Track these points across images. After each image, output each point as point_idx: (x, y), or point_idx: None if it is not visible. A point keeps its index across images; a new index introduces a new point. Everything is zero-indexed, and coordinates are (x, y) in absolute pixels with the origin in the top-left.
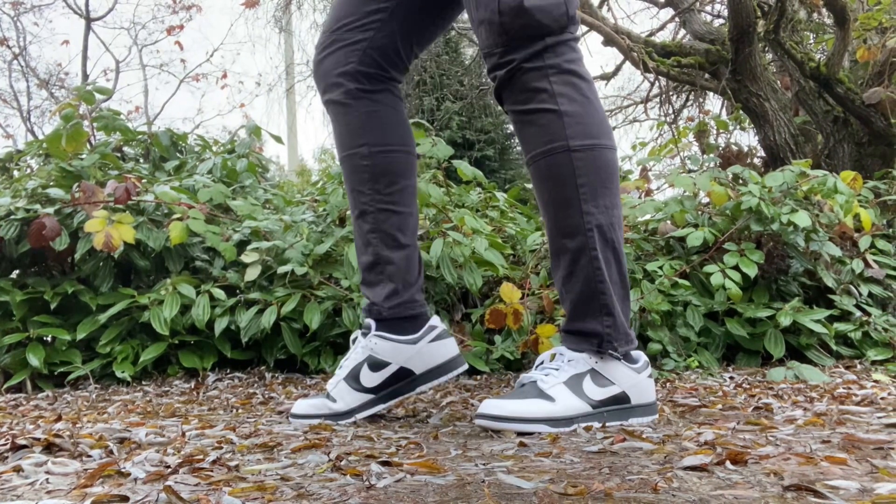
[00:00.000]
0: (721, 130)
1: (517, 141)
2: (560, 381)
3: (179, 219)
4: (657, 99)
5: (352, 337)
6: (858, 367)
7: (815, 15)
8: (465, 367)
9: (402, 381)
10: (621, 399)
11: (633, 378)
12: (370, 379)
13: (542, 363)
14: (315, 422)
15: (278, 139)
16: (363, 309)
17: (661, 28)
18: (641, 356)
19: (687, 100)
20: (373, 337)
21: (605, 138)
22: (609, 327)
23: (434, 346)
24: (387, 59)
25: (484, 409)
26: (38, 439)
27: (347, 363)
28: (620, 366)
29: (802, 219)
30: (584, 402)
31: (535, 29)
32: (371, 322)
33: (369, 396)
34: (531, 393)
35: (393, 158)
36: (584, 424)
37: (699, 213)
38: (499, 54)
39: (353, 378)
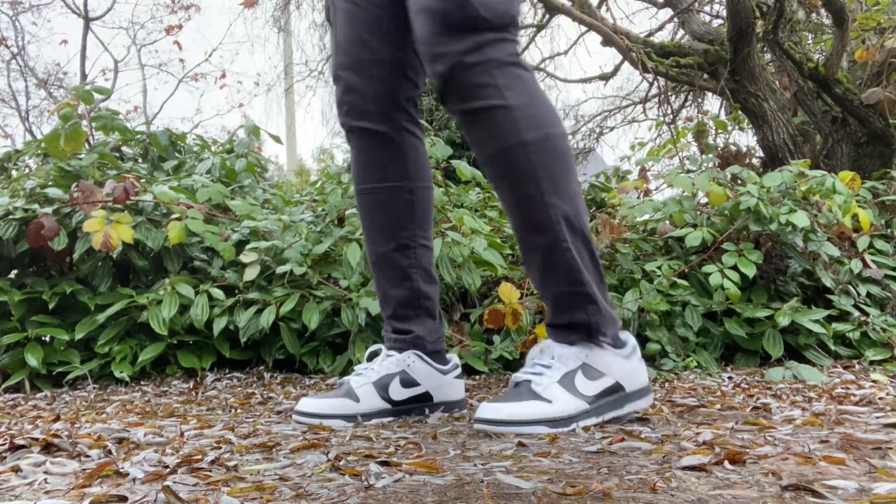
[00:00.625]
0: (720, 130)
1: None
2: (554, 381)
3: (178, 219)
4: (656, 99)
5: (371, 349)
6: (857, 367)
7: (813, 15)
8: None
9: (421, 403)
10: (615, 389)
11: (624, 365)
12: (398, 393)
13: (532, 358)
14: (334, 422)
15: (277, 139)
16: (398, 340)
17: (660, 28)
18: (629, 339)
19: (686, 100)
20: (412, 354)
21: (556, 126)
22: (595, 315)
23: (457, 381)
24: (415, 89)
25: (482, 412)
26: (37, 439)
27: (378, 369)
28: (609, 355)
29: (801, 219)
30: (580, 400)
31: (477, 21)
32: (405, 350)
33: (388, 407)
34: (527, 394)
35: (430, 195)
36: (582, 423)
37: (698, 213)
38: (436, 44)
39: (382, 387)
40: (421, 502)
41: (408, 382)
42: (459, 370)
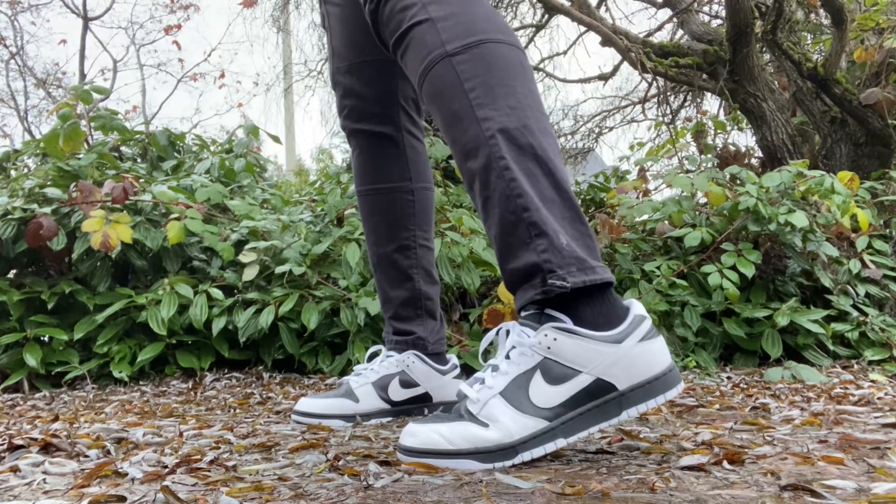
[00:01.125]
0: (719, 131)
1: None
2: (496, 393)
3: (177, 218)
4: (655, 99)
5: (372, 350)
6: (855, 366)
7: (812, 15)
8: None
9: (420, 403)
10: (598, 390)
11: (609, 354)
12: (397, 393)
13: (487, 350)
14: (333, 422)
15: (276, 139)
16: (399, 341)
17: (659, 28)
18: (632, 307)
19: (685, 100)
20: (411, 355)
21: (494, 32)
22: (545, 251)
23: (456, 382)
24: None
25: (402, 436)
26: (36, 439)
27: (377, 369)
28: (585, 341)
29: (800, 219)
30: (531, 418)
31: None
32: (402, 350)
33: (387, 407)
34: (456, 413)
35: (430, 196)
36: (537, 451)
37: (697, 213)
38: None
39: (382, 387)
40: (420, 502)
41: (407, 383)
42: (458, 370)
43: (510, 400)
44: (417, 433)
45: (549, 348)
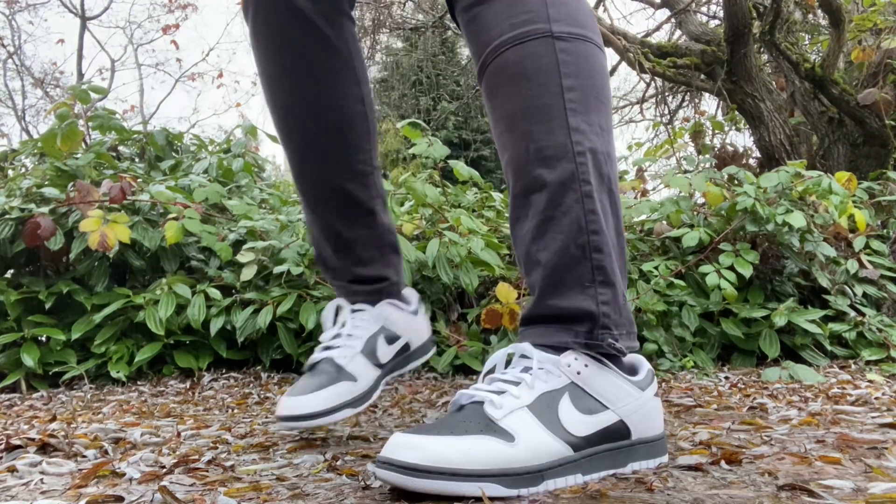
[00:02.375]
0: (717, 131)
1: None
2: (523, 405)
3: (175, 218)
4: (653, 100)
5: (331, 307)
6: (853, 367)
7: (810, 16)
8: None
9: (402, 355)
10: (617, 434)
11: (635, 398)
12: (385, 353)
13: (491, 371)
14: (343, 415)
15: (274, 139)
16: (369, 291)
17: (657, 29)
18: (644, 364)
19: (683, 100)
20: (387, 306)
21: (596, 35)
22: (607, 304)
23: (423, 318)
24: None
25: (389, 451)
26: (33, 439)
27: (357, 333)
28: (616, 377)
29: (797, 219)
30: (561, 441)
31: None
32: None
33: (379, 373)
34: (474, 424)
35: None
36: (559, 483)
37: (695, 213)
38: None
39: (371, 352)
40: (418, 502)
41: (391, 339)
42: (419, 304)
43: (539, 416)
44: (421, 446)
45: (578, 373)
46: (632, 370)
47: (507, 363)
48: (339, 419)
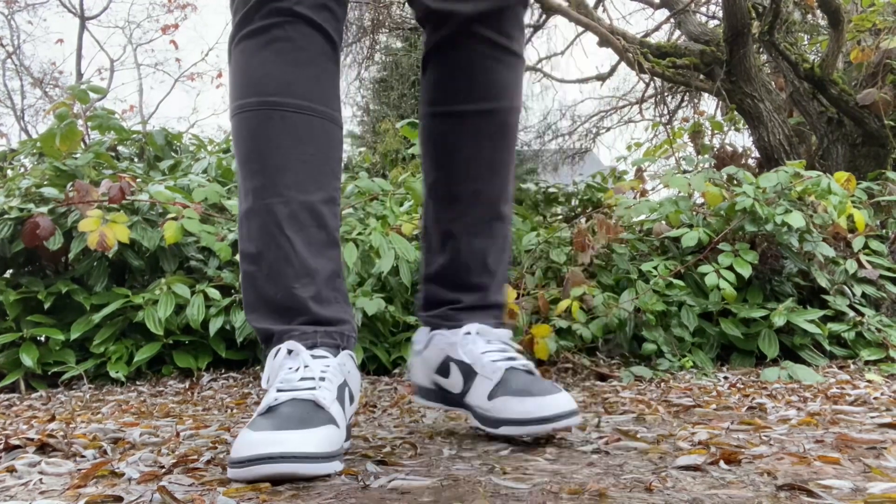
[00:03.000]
0: (716, 131)
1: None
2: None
3: (174, 218)
4: (652, 100)
5: (281, 350)
6: (852, 367)
7: (809, 16)
8: None
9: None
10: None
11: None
12: (345, 413)
13: (468, 337)
14: (335, 467)
15: None
16: (330, 333)
17: (657, 29)
18: None
19: (682, 101)
20: (348, 358)
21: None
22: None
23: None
24: None
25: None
26: (32, 439)
27: (329, 377)
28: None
29: (796, 219)
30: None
31: None
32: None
33: (344, 433)
34: (539, 380)
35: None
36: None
37: (694, 213)
38: None
39: (341, 406)
40: (417, 502)
41: (350, 396)
42: None
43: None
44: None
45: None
46: None
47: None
48: (332, 471)
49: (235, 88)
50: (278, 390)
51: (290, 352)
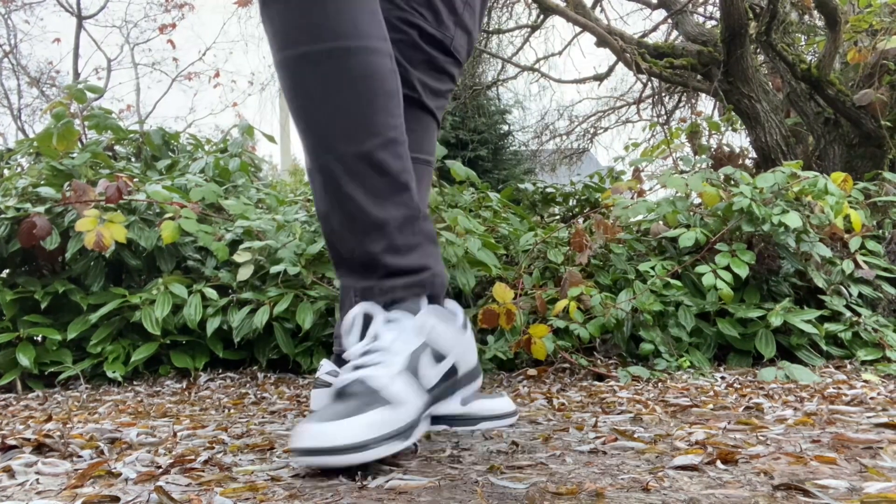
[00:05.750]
0: (713, 131)
1: (511, 141)
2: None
3: (171, 218)
4: (650, 100)
5: (359, 313)
6: (848, 367)
7: (806, 17)
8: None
9: (448, 380)
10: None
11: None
12: (430, 375)
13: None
14: (388, 450)
15: (271, 138)
16: (407, 285)
17: (654, 29)
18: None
19: (679, 101)
20: (431, 315)
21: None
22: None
23: (471, 337)
24: None
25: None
26: (29, 440)
27: (392, 347)
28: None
29: (793, 220)
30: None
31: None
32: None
33: (425, 398)
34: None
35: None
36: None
37: (691, 213)
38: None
39: (413, 374)
40: (414, 502)
41: (437, 356)
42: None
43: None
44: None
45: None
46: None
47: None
48: (383, 455)
49: (275, 40)
50: (348, 368)
51: (366, 318)
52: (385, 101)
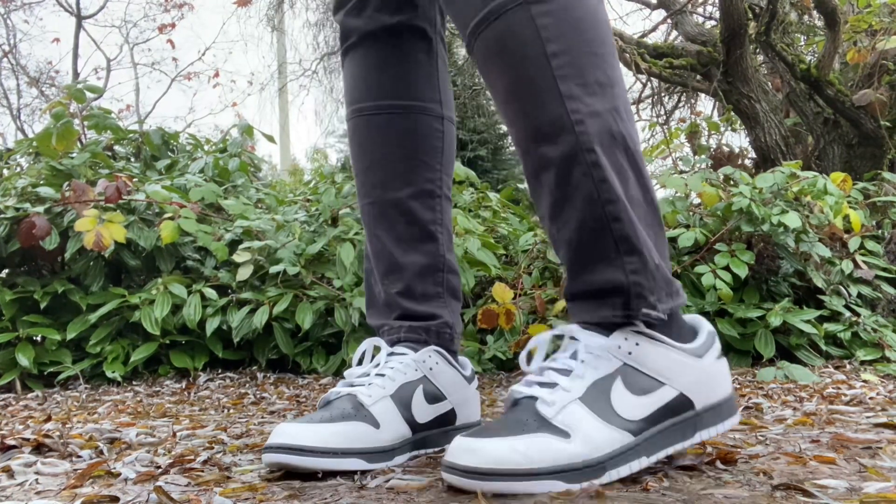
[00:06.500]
0: (712, 131)
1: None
2: (574, 398)
3: (171, 218)
4: (649, 100)
5: (363, 346)
6: (847, 367)
7: (805, 17)
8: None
9: (443, 426)
10: (679, 407)
11: (694, 366)
12: (422, 411)
13: (539, 356)
14: (349, 464)
15: (270, 138)
16: (415, 328)
17: (654, 29)
18: (704, 326)
19: (679, 101)
20: (434, 353)
21: None
22: (636, 272)
23: (475, 392)
24: None
25: (453, 455)
26: (28, 440)
27: (391, 374)
28: (669, 350)
29: (793, 220)
30: (617, 429)
31: None
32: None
33: (410, 434)
34: (529, 422)
35: (455, 135)
36: (622, 471)
37: (690, 213)
38: None
39: (404, 403)
40: (414, 502)
41: (433, 396)
42: (476, 380)
43: (592, 407)
44: (482, 450)
45: (629, 353)
46: (692, 333)
47: (553, 347)
48: (344, 468)
49: (344, 95)
50: (342, 384)
51: (376, 348)
52: (424, 156)
